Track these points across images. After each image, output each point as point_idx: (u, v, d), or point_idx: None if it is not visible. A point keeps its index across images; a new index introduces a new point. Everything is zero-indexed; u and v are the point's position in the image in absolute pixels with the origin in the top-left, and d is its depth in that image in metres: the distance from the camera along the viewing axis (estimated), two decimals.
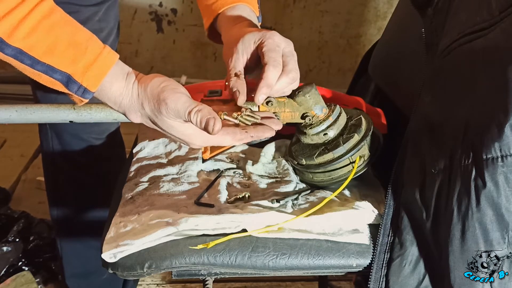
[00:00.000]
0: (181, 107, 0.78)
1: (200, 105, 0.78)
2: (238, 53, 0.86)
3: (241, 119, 0.84)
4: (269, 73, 0.83)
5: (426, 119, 0.90)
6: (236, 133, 0.82)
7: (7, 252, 1.65)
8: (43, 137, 1.35)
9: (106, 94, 0.81)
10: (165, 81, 0.81)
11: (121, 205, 0.99)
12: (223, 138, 0.82)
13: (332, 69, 2.99)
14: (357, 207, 0.93)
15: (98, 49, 0.79)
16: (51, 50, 0.76)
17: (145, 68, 2.93)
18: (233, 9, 0.95)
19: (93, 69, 0.78)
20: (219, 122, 0.77)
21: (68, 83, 0.78)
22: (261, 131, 0.84)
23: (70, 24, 0.79)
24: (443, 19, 0.95)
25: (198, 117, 0.77)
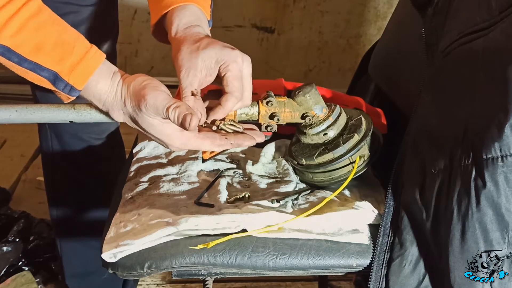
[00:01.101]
0: (160, 103, 0.78)
1: (178, 102, 0.78)
2: (196, 69, 0.83)
3: (223, 127, 0.85)
4: (230, 103, 0.84)
5: (426, 119, 0.90)
6: (216, 138, 0.83)
7: (7, 252, 1.65)
8: (42, 137, 1.34)
9: (91, 92, 0.82)
10: (147, 79, 0.82)
11: (121, 205, 0.99)
12: (202, 142, 0.83)
13: (332, 69, 2.99)
14: (357, 207, 0.93)
15: (85, 48, 0.81)
16: (38, 48, 0.77)
17: (145, 68, 2.93)
18: (184, 9, 0.90)
19: (79, 68, 0.79)
20: (196, 119, 0.76)
21: (55, 81, 0.79)
22: (241, 139, 0.85)
23: (57, 24, 0.81)
24: (443, 19, 0.95)
25: (176, 113, 0.77)
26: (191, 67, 0.83)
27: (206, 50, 0.84)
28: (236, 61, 0.84)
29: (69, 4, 1.13)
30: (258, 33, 2.87)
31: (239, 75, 0.84)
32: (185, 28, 0.88)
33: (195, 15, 0.91)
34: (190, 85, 0.83)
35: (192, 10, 0.91)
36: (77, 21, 1.15)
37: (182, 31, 0.88)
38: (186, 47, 0.85)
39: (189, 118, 0.76)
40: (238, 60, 0.84)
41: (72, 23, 1.14)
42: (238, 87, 0.84)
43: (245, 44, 2.87)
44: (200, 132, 0.83)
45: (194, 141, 0.83)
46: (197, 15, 0.91)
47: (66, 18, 1.13)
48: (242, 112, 0.90)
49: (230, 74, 0.84)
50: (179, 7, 0.90)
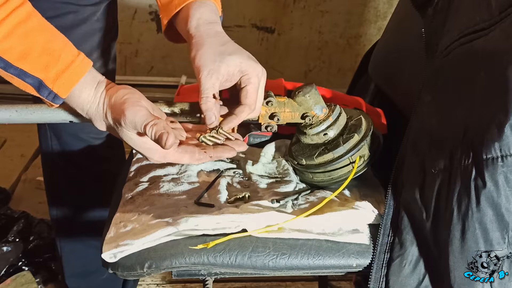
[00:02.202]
0: (138, 119, 0.79)
1: (157, 120, 0.78)
2: (219, 73, 0.83)
3: (203, 139, 0.85)
4: (244, 114, 0.85)
5: (426, 119, 0.90)
6: (195, 153, 0.83)
7: (7, 252, 1.65)
8: (42, 137, 1.34)
9: (75, 101, 0.83)
10: (129, 93, 0.82)
11: (121, 205, 0.99)
12: (181, 156, 0.83)
13: (332, 69, 2.99)
14: (357, 207, 0.93)
15: (72, 57, 0.80)
16: (24, 55, 0.78)
17: (145, 68, 2.93)
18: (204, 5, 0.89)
19: (64, 77, 0.80)
20: (172, 138, 0.77)
21: (40, 88, 0.80)
22: (221, 152, 0.85)
23: (46, 31, 0.80)
24: (443, 19, 0.95)
25: (153, 131, 0.77)
26: (214, 69, 0.83)
27: (232, 57, 0.84)
28: (257, 75, 0.85)
29: (69, 4, 1.13)
30: (258, 33, 2.87)
31: (257, 88, 0.86)
32: (207, 24, 0.88)
33: (214, 12, 0.90)
34: (213, 87, 0.83)
35: (211, 7, 0.90)
36: (77, 21, 1.15)
37: (204, 28, 0.87)
38: (209, 47, 0.85)
39: (165, 137, 0.76)
40: (259, 74, 0.86)
41: (72, 23, 1.15)
42: (254, 100, 0.86)
43: (245, 44, 2.85)
44: (180, 146, 0.84)
45: (172, 155, 0.83)
46: (215, 13, 0.90)
47: (66, 18, 1.14)
48: None
49: (250, 87, 0.85)
50: (198, 2, 0.89)
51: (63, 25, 1.13)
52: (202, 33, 0.86)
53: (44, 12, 1.09)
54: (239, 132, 0.91)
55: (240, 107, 0.85)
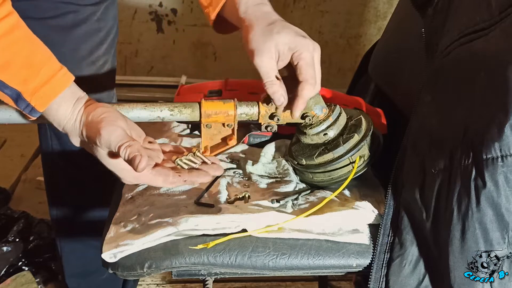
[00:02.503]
0: (113, 139, 0.78)
1: (131, 142, 0.78)
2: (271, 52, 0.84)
3: (179, 163, 0.85)
4: (306, 92, 0.86)
5: (426, 119, 0.90)
6: (169, 176, 0.83)
7: (7, 252, 1.65)
8: (42, 137, 1.34)
9: (52, 116, 0.82)
10: (107, 112, 0.81)
11: (121, 205, 0.99)
12: (154, 179, 0.83)
13: (332, 69, 2.99)
14: (357, 207, 0.93)
15: (52, 72, 0.80)
16: (4, 67, 0.78)
17: (145, 68, 2.93)
18: None
19: (42, 91, 0.80)
20: (145, 161, 0.76)
21: (18, 100, 0.80)
22: (195, 176, 0.85)
23: (29, 44, 0.80)
24: (443, 19, 0.95)
25: (127, 152, 0.77)
26: (264, 50, 0.84)
27: (280, 35, 0.84)
28: (308, 50, 0.85)
29: (69, 4, 1.13)
30: None
31: (311, 62, 0.85)
32: (254, 6, 0.88)
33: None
34: (272, 69, 0.84)
35: None
36: (77, 20, 1.15)
37: (252, 10, 0.87)
38: (259, 28, 0.85)
39: (138, 160, 0.75)
40: (310, 48, 0.85)
41: (72, 23, 1.15)
42: (312, 75, 0.85)
43: None
44: (154, 168, 0.83)
45: (146, 177, 0.82)
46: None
47: (66, 17, 1.14)
48: (242, 112, 0.91)
49: (303, 62, 0.85)
50: None
51: (64, 24, 1.14)
52: (250, 16, 0.87)
53: (45, 12, 1.10)
54: (239, 132, 0.91)
55: (300, 85, 0.85)
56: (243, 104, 0.91)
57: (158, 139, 1.15)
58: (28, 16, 0.97)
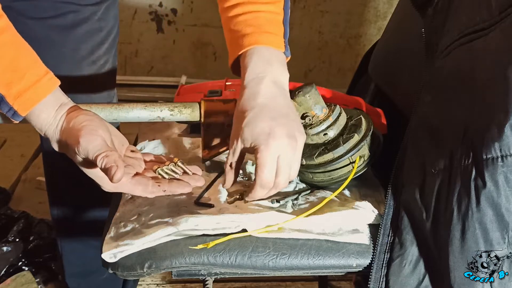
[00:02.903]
0: (91, 148, 0.78)
1: (109, 152, 0.77)
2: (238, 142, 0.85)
3: (160, 172, 0.86)
4: (256, 193, 0.87)
5: (426, 119, 0.90)
6: (148, 185, 0.83)
7: (7, 252, 1.65)
8: (43, 137, 1.34)
9: (34, 120, 0.83)
10: (88, 120, 0.81)
11: (121, 205, 0.99)
12: (133, 188, 0.83)
13: (332, 69, 2.99)
14: (357, 207, 0.93)
15: (36, 77, 0.80)
16: None
17: (145, 68, 2.93)
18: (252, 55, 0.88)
19: (25, 96, 0.80)
20: (120, 172, 0.76)
21: (0, 103, 0.80)
22: (175, 186, 0.85)
23: (15, 48, 0.81)
24: (443, 19, 0.95)
25: (104, 162, 0.77)
26: (239, 139, 0.85)
27: (243, 133, 0.85)
28: (269, 151, 0.83)
29: (70, 4, 1.13)
30: None
31: (267, 165, 0.84)
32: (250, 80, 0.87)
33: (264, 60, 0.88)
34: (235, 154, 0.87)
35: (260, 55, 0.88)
36: (77, 20, 1.15)
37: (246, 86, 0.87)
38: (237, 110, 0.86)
39: (114, 171, 0.75)
40: (271, 149, 0.83)
41: (72, 22, 1.15)
42: (265, 179, 0.84)
43: None
44: (134, 177, 0.83)
45: (125, 185, 0.82)
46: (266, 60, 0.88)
47: (66, 17, 1.14)
48: None
49: (258, 162, 0.84)
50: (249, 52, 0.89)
51: (64, 24, 1.14)
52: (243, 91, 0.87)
53: (45, 12, 1.10)
54: None
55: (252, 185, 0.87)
56: None
57: (158, 139, 1.16)
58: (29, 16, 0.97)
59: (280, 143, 0.83)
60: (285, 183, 0.86)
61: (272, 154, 0.83)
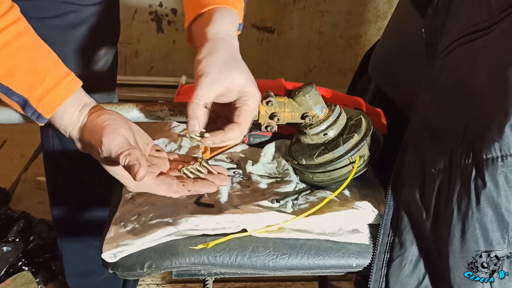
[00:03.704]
0: (114, 147, 0.78)
1: (131, 150, 0.77)
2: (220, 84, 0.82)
3: (185, 172, 0.85)
4: (233, 132, 0.83)
5: (426, 119, 0.90)
6: (172, 185, 0.82)
7: (7, 252, 1.65)
8: (44, 136, 1.35)
9: (58, 122, 0.83)
10: (110, 119, 0.81)
11: (121, 205, 0.99)
12: (157, 187, 0.82)
13: (332, 69, 2.99)
14: (357, 207, 0.93)
15: (58, 79, 0.80)
16: (10, 74, 0.78)
17: (145, 68, 2.93)
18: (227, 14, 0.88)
19: (48, 98, 0.80)
20: (143, 170, 0.75)
21: (25, 106, 0.80)
22: (200, 186, 0.84)
23: (35, 50, 0.81)
24: (443, 19, 0.95)
25: (126, 160, 0.76)
26: (217, 79, 0.81)
27: (239, 75, 0.83)
28: (255, 100, 0.85)
29: (70, 4, 1.13)
30: (258, 33, 2.87)
31: (251, 112, 0.85)
32: (226, 34, 0.86)
33: (234, 24, 0.89)
34: (208, 95, 0.81)
35: (233, 17, 0.88)
36: (77, 20, 1.15)
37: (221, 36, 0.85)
38: (221, 56, 0.83)
39: (136, 169, 0.75)
40: (256, 99, 0.85)
41: (72, 22, 1.15)
42: (247, 123, 0.84)
43: (245, 44, 2.87)
44: (158, 177, 0.83)
45: (149, 185, 0.82)
46: (235, 25, 0.89)
47: (66, 17, 1.14)
48: None
49: (246, 108, 0.84)
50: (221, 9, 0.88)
51: (64, 24, 1.14)
52: (218, 41, 0.84)
53: (46, 12, 1.10)
54: None
55: (231, 124, 0.84)
56: None
57: (159, 139, 1.16)
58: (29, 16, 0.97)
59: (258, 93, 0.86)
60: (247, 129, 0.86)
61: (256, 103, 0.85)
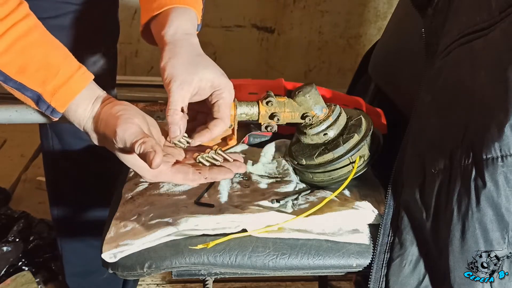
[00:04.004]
0: (128, 137, 0.78)
1: (146, 138, 0.77)
2: (190, 85, 0.82)
3: (201, 160, 0.85)
4: (219, 129, 0.84)
5: (426, 119, 0.90)
6: (189, 173, 0.82)
7: (7, 252, 1.65)
8: (43, 137, 1.35)
9: (71, 116, 0.83)
10: (123, 110, 0.81)
11: (121, 205, 0.99)
12: (174, 176, 0.82)
13: (332, 69, 2.99)
14: (357, 207, 0.93)
15: (70, 72, 0.80)
16: (23, 69, 0.78)
17: (145, 68, 2.93)
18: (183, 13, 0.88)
19: (61, 92, 0.80)
20: (159, 157, 0.74)
21: (38, 102, 0.80)
22: (216, 173, 0.84)
23: (46, 45, 0.81)
24: (443, 19, 0.95)
25: (141, 149, 0.76)
26: (186, 81, 0.82)
27: (206, 71, 0.83)
28: (230, 91, 0.85)
29: (70, 4, 1.13)
30: (258, 33, 2.87)
31: (229, 103, 0.85)
32: (184, 34, 0.86)
33: (192, 23, 0.89)
34: (182, 100, 0.82)
35: (190, 16, 0.89)
36: (77, 20, 1.15)
37: (180, 37, 0.86)
38: (183, 57, 0.83)
39: (152, 156, 0.74)
40: (231, 90, 0.85)
41: (72, 22, 1.15)
42: (228, 115, 0.85)
43: (245, 44, 2.87)
44: (174, 166, 0.82)
45: (165, 174, 0.81)
46: (193, 23, 0.89)
47: (66, 17, 1.14)
48: (242, 112, 0.91)
49: (223, 101, 0.84)
50: (177, 9, 0.88)
51: (64, 24, 1.14)
52: (177, 42, 0.85)
53: (45, 12, 1.10)
54: (239, 132, 0.91)
55: (214, 121, 0.84)
56: (243, 104, 0.91)
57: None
58: None
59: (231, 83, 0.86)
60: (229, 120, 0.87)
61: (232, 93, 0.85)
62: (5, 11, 0.77)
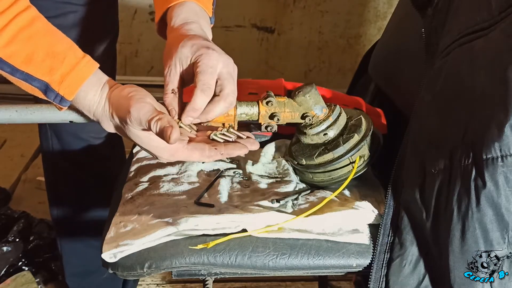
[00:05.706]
0: (143, 116, 0.78)
1: (161, 115, 0.77)
2: (175, 66, 0.82)
3: (214, 137, 0.85)
4: (196, 98, 0.80)
5: (426, 119, 0.90)
6: (205, 150, 0.82)
7: (7, 252, 1.65)
8: (42, 137, 1.35)
9: (81, 103, 0.82)
10: (134, 91, 0.81)
11: (121, 205, 0.99)
12: (191, 153, 0.82)
13: (332, 69, 2.99)
14: (357, 207, 0.93)
15: (76, 59, 0.80)
16: (29, 59, 0.78)
17: (145, 68, 2.93)
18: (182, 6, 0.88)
19: (69, 79, 0.80)
20: (177, 132, 0.75)
21: (47, 91, 0.80)
22: (231, 149, 0.83)
23: (50, 35, 0.81)
24: (443, 19, 0.95)
25: (158, 126, 0.76)
26: (171, 64, 0.83)
27: (183, 48, 0.82)
28: (208, 58, 0.81)
29: (69, 4, 1.13)
30: (258, 33, 2.87)
31: (208, 70, 0.81)
32: (180, 24, 0.87)
33: (193, 11, 0.90)
34: (171, 82, 0.82)
35: (189, 7, 0.89)
36: (77, 20, 1.15)
37: (177, 28, 0.87)
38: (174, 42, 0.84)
39: (169, 131, 0.75)
40: (211, 57, 0.81)
41: (72, 22, 1.15)
42: (205, 81, 0.81)
43: (245, 44, 2.87)
44: (190, 143, 0.82)
45: (182, 152, 0.81)
46: (194, 11, 0.90)
47: (66, 17, 1.14)
48: (242, 112, 0.90)
49: (199, 69, 0.81)
50: (178, 4, 0.89)
51: (64, 24, 1.14)
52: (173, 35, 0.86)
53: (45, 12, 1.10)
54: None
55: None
56: (243, 104, 0.91)
57: None
58: None
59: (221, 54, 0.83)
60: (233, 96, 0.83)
61: (213, 60, 0.81)
62: (6, 2, 0.77)
